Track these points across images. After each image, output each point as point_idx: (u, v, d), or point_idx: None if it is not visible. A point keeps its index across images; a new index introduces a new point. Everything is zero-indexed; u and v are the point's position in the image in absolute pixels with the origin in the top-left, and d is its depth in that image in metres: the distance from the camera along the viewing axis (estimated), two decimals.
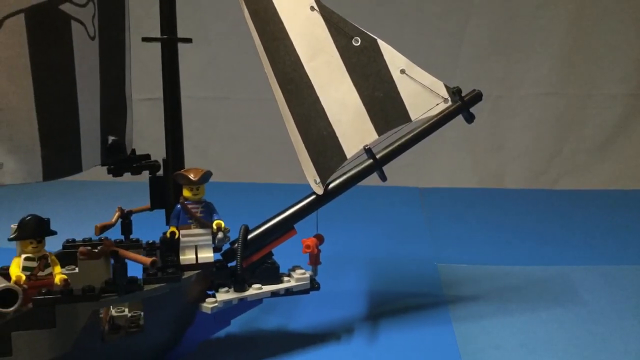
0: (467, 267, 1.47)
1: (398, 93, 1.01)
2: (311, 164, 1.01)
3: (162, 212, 1.02)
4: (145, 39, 0.95)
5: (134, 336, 0.89)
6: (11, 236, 0.89)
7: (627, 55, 2.41)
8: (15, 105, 0.75)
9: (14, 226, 0.90)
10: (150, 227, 1.04)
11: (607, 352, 1.02)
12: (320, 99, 1.01)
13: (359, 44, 1.02)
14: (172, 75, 0.96)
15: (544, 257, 1.55)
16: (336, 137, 1.02)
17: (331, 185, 1.02)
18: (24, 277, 0.85)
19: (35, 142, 0.77)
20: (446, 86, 1.02)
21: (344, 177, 1.02)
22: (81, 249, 0.88)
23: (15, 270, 0.86)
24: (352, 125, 1.02)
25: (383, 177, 1.03)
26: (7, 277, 0.89)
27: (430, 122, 1.02)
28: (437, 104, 1.01)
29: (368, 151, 1.02)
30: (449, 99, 1.02)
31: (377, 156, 1.02)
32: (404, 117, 1.02)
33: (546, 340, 1.07)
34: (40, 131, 0.78)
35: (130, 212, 1.03)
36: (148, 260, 0.86)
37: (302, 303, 1.16)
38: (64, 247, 1.02)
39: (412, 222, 1.89)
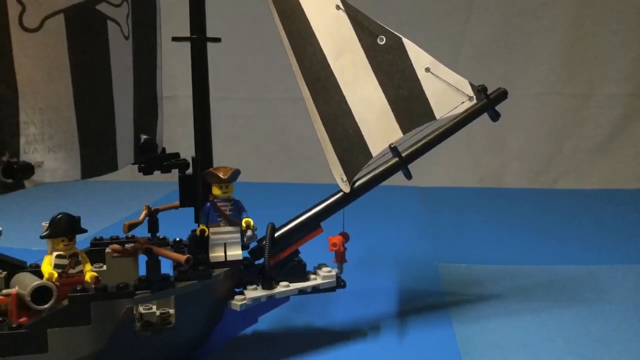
0: (467, 266, 1.47)
1: (423, 91, 1.02)
2: (338, 162, 1.02)
3: (186, 210, 1.02)
4: (175, 39, 0.95)
5: (166, 333, 0.90)
6: (43, 234, 0.89)
7: (627, 55, 2.42)
8: (55, 105, 0.75)
9: (45, 224, 0.90)
10: (176, 225, 1.04)
11: (607, 352, 1.02)
12: (346, 97, 1.02)
13: (384, 42, 1.03)
14: (201, 75, 0.97)
15: (544, 256, 1.56)
16: (362, 136, 1.02)
17: (357, 183, 1.03)
18: (56, 275, 0.86)
19: (74, 141, 0.78)
20: (471, 84, 1.03)
21: (370, 175, 1.03)
22: (114, 246, 0.88)
23: (47, 268, 0.87)
24: (377, 123, 1.02)
25: (408, 176, 1.04)
26: (40, 274, 0.89)
27: (456, 120, 1.03)
28: (462, 102, 1.02)
29: (394, 149, 1.03)
30: (474, 97, 1.03)
31: (403, 154, 1.03)
32: (429, 115, 1.03)
33: (546, 340, 1.07)
34: (79, 130, 0.78)
35: (157, 210, 1.03)
36: (183, 257, 0.86)
37: (303, 302, 1.15)
38: (92, 244, 1.02)
39: (412, 222, 1.90)
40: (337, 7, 1.02)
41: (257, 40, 2.44)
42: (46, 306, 0.83)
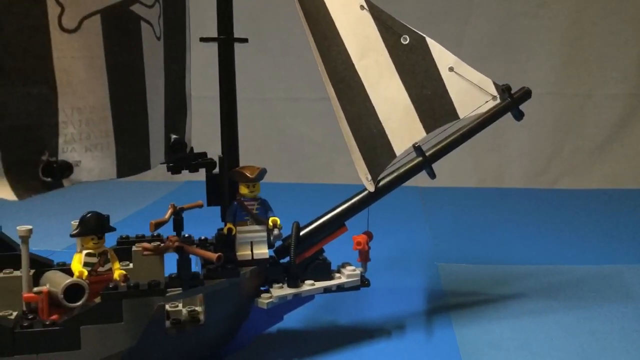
0: (468, 266, 1.47)
1: (446, 91, 1.03)
2: (363, 161, 1.02)
3: (208, 208, 1.02)
4: (203, 39, 0.95)
5: (195, 330, 0.90)
6: (73, 232, 0.89)
7: (627, 55, 2.44)
8: (92, 105, 0.75)
9: (74, 222, 0.90)
10: (198, 224, 1.04)
11: (606, 352, 1.03)
12: (370, 97, 1.03)
13: (407, 42, 1.04)
14: (228, 75, 0.97)
15: (544, 256, 1.56)
16: (386, 135, 1.03)
17: (382, 183, 1.03)
18: (86, 273, 0.86)
19: (110, 140, 0.78)
20: (495, 84, 1.04)
21: (395, 174, 1.04)
22: (145, 244, 0.88)
23: (77, 266, 0.87)
24: (401, 123, 1.03)
25: (432, 175, 1.05)
26: (68, 272, 0.89)
27: (479, 119, 1.04)
28: (486, 102, 1.03)
29: (417, 149, 1.04)
30: (498, 96, 1.04)
31: (427, 154, 1.04)
32: (452, 114, 1.03)
33: (546, 340, 1.07)
34: (115, 129, 0.78)
35: (182, 209, 1.03)
36: (214, 255, 0.87)
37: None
38: (118, 243, 1.02)
39: (412, 222, 1.90)
40: (362, 7, 1.02)
41: (258, 40, 2.44)
42: (78, 304, 0.83)
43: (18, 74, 0.69)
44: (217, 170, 0.99)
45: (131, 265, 1.01)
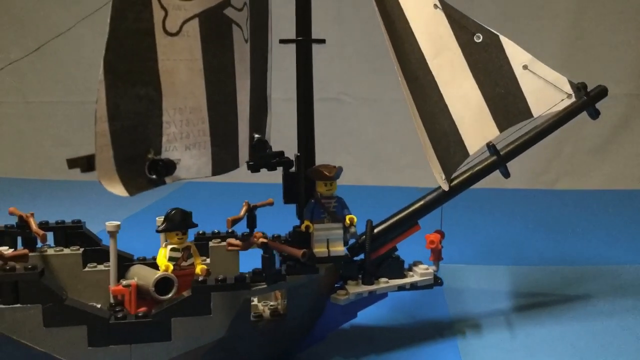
0: (468, 267, 1.45)
1: (520, 89, 1.03)
2: (437, 160, 1.02)
3: (278, 206, 1.04)
4: (282, 41, 0.97)
5: (278, 324, 0.92)
6: (159, 228, 0.92)
7: (627, 55, 2.38)
8: (191, 105, 0.79)
9: (160, 218, 0.94)
10: (269, 221, 1.06)
11: (606, 352, 1.02)
12: (444, 96, 1.03)
13: (480, 40, 1.04)
14: (307, 76, 0.99)
15: (544, 256, 1.54)
16: (459, 134, 1.03)
17: (456, 182, 1.03)
18: (171, 267, 0.89)
19: (206, 140, 0.81)
20: (570, 82, 1.03)
21: (469, 173, 1.04)
22: (231, 240, 0.90)
23: (163, 260, 0.90)
24: (474, 121, 1.03)
25: (506, 174, 1.05)
26: (155, 267, 0.92)
27: (555, 118, 1.03)
28: (561, 100, 1.02)
29: (491, 148, 1.03)
30: (573, 94, 1.03)
31: (501, 153, 1.03)
32: (526, 113, 1.03)
33: (546, 339, 1.07)
34: (211, 129, 0.82)
35: (255, 207, 1.06)
36: (299, 252, 0.88)
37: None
38: (196, 238, 1.05)
39: None
40: (435, 6, 1.03)
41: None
42: (168, 296, 0.86)
43: (128, 76, 0.73)
44: (293, 169, 1.01)
45: (208, 260, 1.04)
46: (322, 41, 1.00)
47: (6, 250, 0.91)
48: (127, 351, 0.83)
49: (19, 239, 0.97)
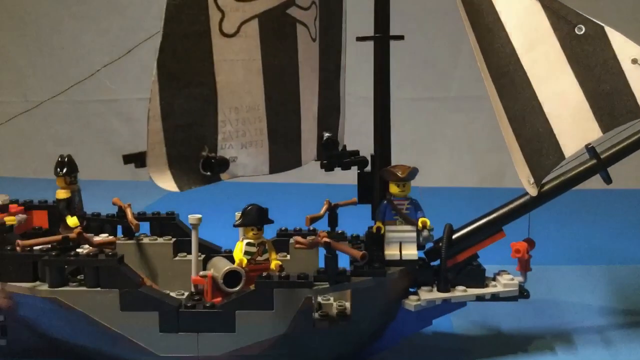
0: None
1: (628, 85, 0.91)
2: (524, 162, 0.95)
3: (366, 206, 1.03)
4: (359, 39, 0.96)
5: (342, 325, 0.92)
6: (236, 222, 0.96)
7: None
8: (248, 105, 0.81)
9: (238, 213, 0.97)
10: (355, 221, 1.05)
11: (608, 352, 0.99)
12: (537, 93, 0.95)
13: (582, 32, 0.93)
14: (384, 74, 0.96)
15: (544, 256, 1.34)
16: (554, 135, 0.94)
17: (547, 187, 0.95)
18: (245, 261, 0.92)
19: (264, 138, 0.83)
20: None
21: (562, 178, 0.95)
22: (298, 238, 0.92)
23: (239, 254, 0.93)
24: (572, 121, 0.93)
25: (608, 180, 0.94)
26: (232, 260, 0.96)
27: None
28: None
29: (591, 150, 0.93)
30: None
31: (602, 156, 0.93)
32: (635, 112, 0.91)
33: (545, 339, 1.03)
34: (269, 128, 0.83)
35: (337, 205, 1.06)
36: (359, 253, 0.88)
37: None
38: (278, 235, 1.08)
39: None
40: None
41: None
42: (235, 289, 0.90)
43: (182, 77, 0.77)
44: (368, 168, 1.00)
45: (288, 256, 1.06)
46: (401, 37, 0.97)
47: (105, 237, 1.02)
48: (195, 339, 0.88)
49: (119, 227, 1.07)
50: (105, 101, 2.68)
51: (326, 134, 0.93)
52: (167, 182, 0.78)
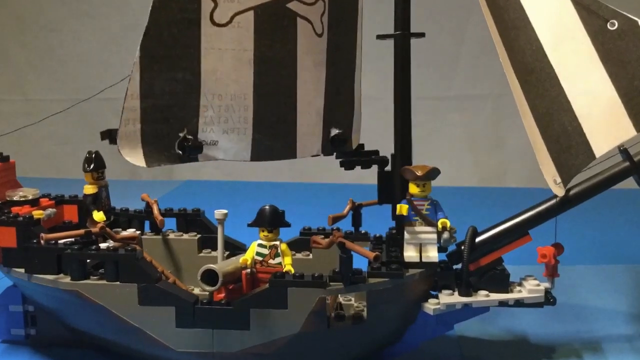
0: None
1: None
2: (551, 162, 0.91)
3: (389, 206, 1.01)
4: (380, 37, 0.95)
5: (357, 326, 0.90)
6: (250, 222, 0.96)
7: None
8: (233, 93, 0.83)
9: None
10: (379, 221, 1.04)
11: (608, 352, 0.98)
12: (565, 90, 0.90)
13: (615, 27, 0.89)
14: (405, 73, 0.95)
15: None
16: (583, 133, 0.90)
17: (576, 190, 0.91)
18: (249, 261, 0.91)
19: (248, 127, 0.85)
20: None
21: (593, 179, 0.90)
22: (314, 237, 0.91)
23: (249, 254, 0.92)
24: (604, 119, 0.89)
25: None
26: None
27: None
28: None
29: (623, 151, 0.89)
30: None
31: (635, 158, 0.88)
32: None
33: (545, 339, 1.04)
34: (255, 118, 0.85)
35: (361, 205, 1.05)
36: (372, 254, 0.86)
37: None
38: (301, 234, 1.08)
39: None
40: None
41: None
42: (213, 288, 0.89)
43: (166, 61, 0.79)
44: (389, 167, 0.98)
45: (311, 255, 1.06)
46: (422, 35, 0.95)
47: (132, 232, 1.04)
48: (210, 335, 0.89)
49: (147, 223, 1.10)
50: (105, 100, 2.75)
51: (335, 131, 0.92)
52: (136, 157, 0.82)
